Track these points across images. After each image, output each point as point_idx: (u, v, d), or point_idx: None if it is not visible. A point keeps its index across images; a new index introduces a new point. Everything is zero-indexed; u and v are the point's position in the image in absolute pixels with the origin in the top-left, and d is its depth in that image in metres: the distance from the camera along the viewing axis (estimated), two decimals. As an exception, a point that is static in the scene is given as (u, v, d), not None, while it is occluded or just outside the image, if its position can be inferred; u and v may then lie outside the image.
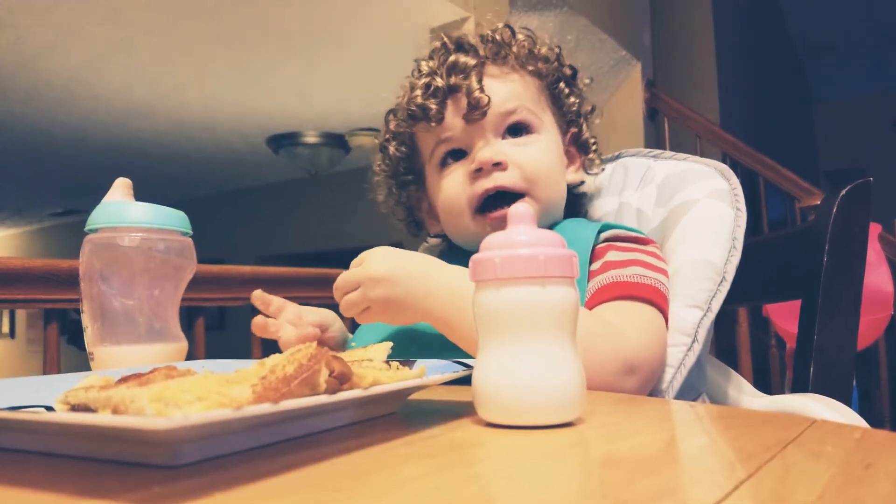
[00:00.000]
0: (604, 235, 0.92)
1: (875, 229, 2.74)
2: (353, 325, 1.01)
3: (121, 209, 0.85)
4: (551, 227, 0.95)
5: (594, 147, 1.04)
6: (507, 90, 0.95)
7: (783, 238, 1.06)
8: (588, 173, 1.05)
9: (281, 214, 8.24)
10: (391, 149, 1.05)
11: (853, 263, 0.94)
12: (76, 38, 3.85)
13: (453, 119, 0.95)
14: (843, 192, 0.93)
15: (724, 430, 0.51)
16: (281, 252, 8.16)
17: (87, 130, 5.75)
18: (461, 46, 0.98)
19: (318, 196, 7.89)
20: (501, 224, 0.91)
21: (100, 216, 0.85)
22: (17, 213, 9.62)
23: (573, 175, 1.03)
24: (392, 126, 1.05)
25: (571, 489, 0.35)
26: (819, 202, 0.98)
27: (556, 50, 1.02)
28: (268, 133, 6.07)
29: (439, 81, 0.95)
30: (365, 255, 0.78)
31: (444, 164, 0.98)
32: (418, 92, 0.97)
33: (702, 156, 1.06)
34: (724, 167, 0.99)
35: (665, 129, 4.04)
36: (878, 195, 1.08)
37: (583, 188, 1.07)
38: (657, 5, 4.89)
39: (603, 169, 1.07)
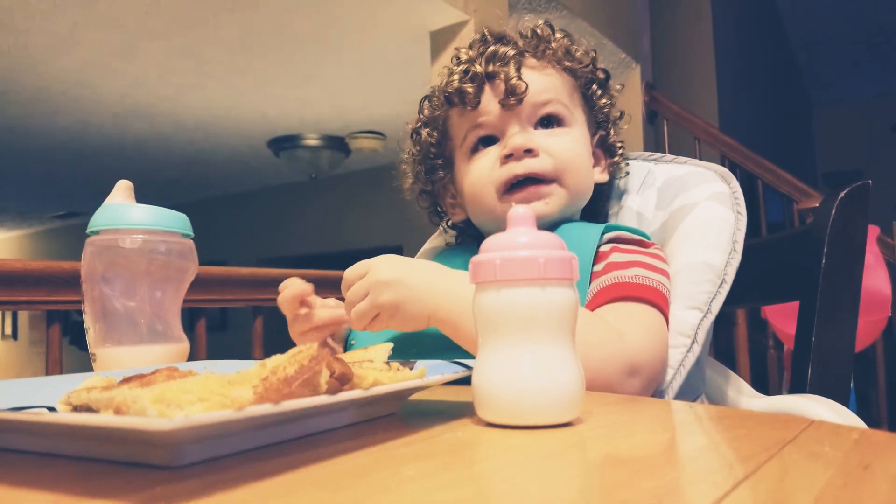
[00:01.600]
0: (607, 237, 0.92)
1: (873, 231, 2.74)
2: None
3: (122, 211, 0.86)
4: (555, 228, 0.96)
5: (620, 151, 1.05)
6: (543, 82, 0.96)
7: (782, 240, 1.07)
8: (614, 177, 1.06)
9: (282, 217, 8.25)
10: (424, 134, 1.05)
11: (851, 265, 0.94)
12: (77, 42, 3.85)
13: (489, 104, 0.96)
14: (842, 194, 0.93)
15: (723, 430, 0.52)
16: (282, 254, 8.17)
17: (88, 133, 5.75)
18: (501, 38, 0.99)
19: (319, 198, 7.89)
20: (530, 199, 0.92)
21: (101, 218, 0.85)
22: (20, 216, 9.62)
23: (598, 175, 1.04)
24: (426, 112, 1.06)
25: (571, 489, 0.35)
26: (818, 204, 0.98)
27: (592, 54, 1.03)
28: (268, 136, 6.07)
29: (478, 68, 0.96)
30: (368, 264, 0.78)
31: (475, 149, 0.99)
32: (456, 77, 0.98)
33: (701, 158, 1.07)
34: (725, 171, 0.99)
35: (664, 132, 4.04)
36: (877, 197, 1.08)
37: (603, 189, 1.08)
38: (656, 8, 4.89)
39: (627, 173, 1.07)
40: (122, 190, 0.89)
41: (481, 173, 0.97)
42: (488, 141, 0.98)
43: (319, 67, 4.42)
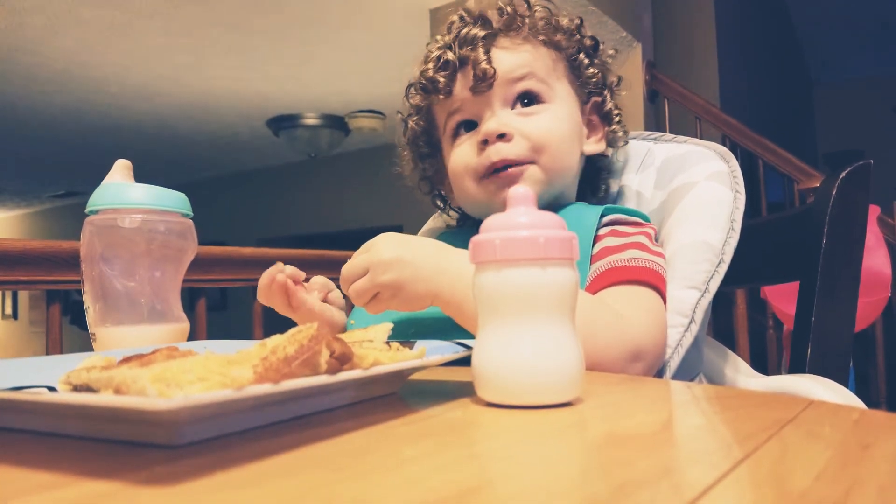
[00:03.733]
0: (605, 220, 0.92)
1: (874, 211, 2.74)
2: (351, 306, 1.01)
3: (121, 190, 0.85)
4: (556, 209, 0.95)
5: (618, 119, 1.03)
6: (516, 60, 0.95)
7: (782, 220, 1.06)
8: (612, 146, 1.03)
9: (281, 196, 8.24)
10: (411, 123, 1.06)
11: (852, 245, 0.94)
12: (76, 20, 3.83)
13: (462, 91, 0.95)
14: (843, 174, 0.93)
15: (722, 410, 0.52)
16: (281, 234, 8.16)
17: (86, 112, 5.73)
18: (476, 19, 0.98)
19: (318, 178, 7.88)
20: (507, 184, 0.91)
21: (100, 197, 0.85)
22: (18, 195, 9.61)
23: (593, 146, 1.02)
24: (412, 100, 1.05)
25: (570, 469, 0.35)
26: (818, 184, 0.98)
27: (577, 21, 1.01)
28: (267, 115, 6.06)
29: (450, 55, 0.95)
30: (371, 242, 0.78)
31: (456, 134, 0.99)
32: (430, 65, 0.98)
33: (701, 137, 1.06)
34: (724, 150, 0.99)
35: (665, 111, 4.03)
36: (878, 177, 1.08)
37: (605, 163, 1.06)
38: (658, -14, 4.86)
39: (626, 143, 1.05)
40: (121, 169, 0.89)
41: (459, 161, 0.97)
42: (469, 125, 0.98)
43: (319, 46, 4.40)
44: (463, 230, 1.09)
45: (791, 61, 8.05)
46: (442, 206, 1.13)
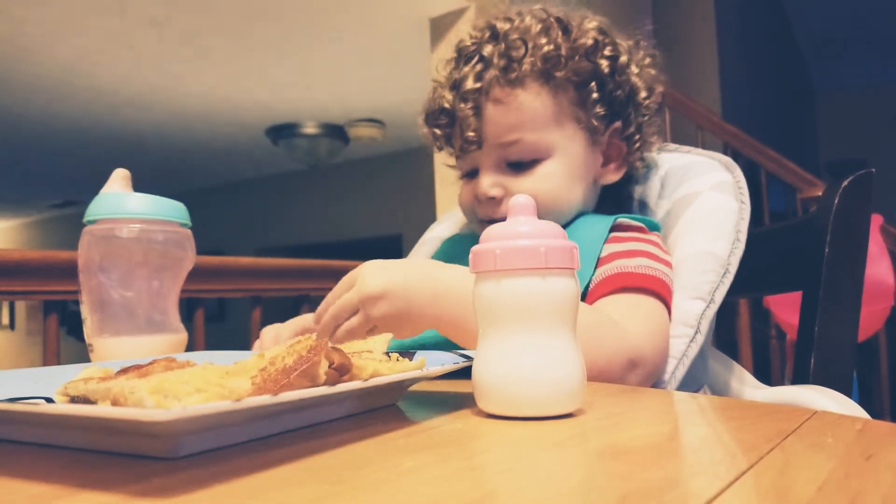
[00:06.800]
0: (613, 224, 0.92)
1: (876, 220, 2.74)
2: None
3: (119, 200, 0.85)
4: (567, 224, 0.94)
5: (637, 145, 1.00)
6: (507, 121, 0.92)
7: (784, 229, 1.06)
8: (631, 172, 1.02)
9: (280, 206, 8.25)
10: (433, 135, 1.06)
11: (855, 254, 0.94)
12: (74, 29, 3.85)
13: (458, 143, 0.97)
14: (845, 183, 0.93)
15: (726, 421, 0.51)
16: (280, 243, 8.18)
17: (85, 122, 5.75)
18: (474, 56, 0.95)
19: (318, 187, 7.90)
20: None
21: (98, 207, 0.85)
22: (16, 205, 9.63)
23: (611, 175, 1.00)
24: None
25: (572, 480, 0.35)
26: (821, 193, 0.97)
27: (588, 43, 0.95)
28: (267, 124, 6.08)
29: (447, 100, 0.96)
30: (353, 274, 0.75)
31: (464, 173, 1.01)
32: (430, 113, 1.00)
33: (703, 146, 1.06)
34: (728, 160, 0.98)
35: (666, 120, 4.03)
36: (880, 186, 1.08)
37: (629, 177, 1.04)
38: (658, -5, 4.87)
39: (647, 167, 1.04)
40: (119, 179, 0.88)
41: (464, 203, 1.01)
42: (471, 171, 0.99)
43: (318, 55, 4.41)
44: (467, 236, 1.08)
45: (793, 69, 8.08)
46: None
